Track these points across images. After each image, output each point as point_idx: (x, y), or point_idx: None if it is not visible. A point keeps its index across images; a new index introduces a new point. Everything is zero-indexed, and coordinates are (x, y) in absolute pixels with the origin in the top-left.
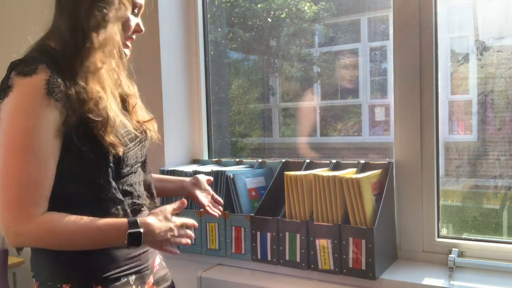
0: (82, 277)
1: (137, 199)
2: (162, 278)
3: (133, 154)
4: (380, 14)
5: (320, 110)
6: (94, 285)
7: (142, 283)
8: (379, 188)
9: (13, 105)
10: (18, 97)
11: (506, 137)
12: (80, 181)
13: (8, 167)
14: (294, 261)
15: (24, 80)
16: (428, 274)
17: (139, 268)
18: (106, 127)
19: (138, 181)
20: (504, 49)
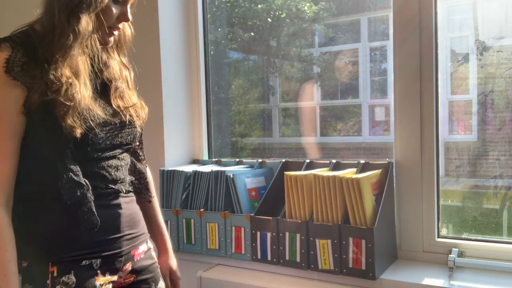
0: (39, 256)
1: (112, 184)
2: (145, 268)
3: (103, 138)
4: (380, 14)
5: (320, 110)
6: (50, 265)
7: (112, 270)
8: (379, 188)
9: None
10: None
11: (506, 137)
12: (39, 160)
13: None
14: (294, 261)
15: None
16: (428, 274)
17: (107, 253)
18: (68, 109)
19: (117, 165)
20: (504, 49)
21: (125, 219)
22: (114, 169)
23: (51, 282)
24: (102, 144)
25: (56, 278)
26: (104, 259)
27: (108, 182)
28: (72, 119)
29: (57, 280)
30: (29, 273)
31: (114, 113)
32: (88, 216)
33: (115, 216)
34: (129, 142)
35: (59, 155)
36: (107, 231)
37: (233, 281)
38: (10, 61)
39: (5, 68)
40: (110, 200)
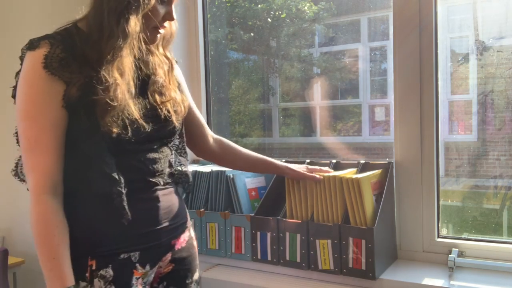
0: (78, 250)
1: (150, 176)
2: (184, 258)
3: (140, 133)
4: (380, 14)
5: (320, 110)
6: (89, 259)
7: (152, 261)
8: (379, 188)
9: (21, 77)
10: (23, 69)
11: (506, 137)
12: (77, 154)
13: (19, 133)
14: (294, 261)
15: (28, 54)
16: (428, 274)
17: (145, 245)
18: (109, 109)
19: (155, 158)
20: (504, 49)
21: (164, 211)
22: (152, 162)
23: (90, 275)
24: (138, 138)
25: (94, 272)
26: (143, 251)
27: (145, 175)
28: (111, 118)
29: (95, 273)
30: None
31: (151, 108)
32: (119, 210)
33: (153, 208)
34: (168, 135)
35: (94, 149)
36: (145, 224)
37: (233, 281)
38: (49, 57)
39: (44, 64)
40: (148, 193)
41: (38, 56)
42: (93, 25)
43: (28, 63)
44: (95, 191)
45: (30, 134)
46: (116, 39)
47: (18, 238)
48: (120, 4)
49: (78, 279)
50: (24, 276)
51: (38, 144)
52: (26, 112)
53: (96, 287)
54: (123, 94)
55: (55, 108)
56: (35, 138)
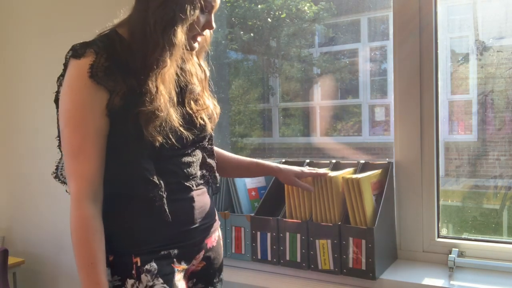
0: (123, 249)
1: (184, 180)
2: (215, 257)
3: (177, 139)
4: (380, 14)
5: (320, 110)
6: (133, 257)
7: (187, 258)
8: (379, 188)
9: (66, 85)
10: (68, 77)
11: (506, 137)
12: (118, 159)
13: (62, 138)
14: (294, 261)
15: (74, 62)
16: (428, 274)
17: (182, 244)
18: (153, 119)
19: (189, 162)
20: (504, 49)
21: (198, 211)
22: (187, 166)
23: (136, 271)
24: (176, 145)
25: (140, 268)
26: (180, 249)
27: (181, 178)
28: (155, 128)
29: (141, 269)
30: (116, 265)
31: (189, 115)
32: (160, 212)
33: (188, 209)
34: (201, 140)
35: (136, 155)
36: (182, 223)
37: (233, 281)
38: (94, 66)
39: (90, 73)
40: (183, 195)
41: (84, 65)
42: (136, 33)
43: (73, 71)
44: (137, 195)
45: (74, 141)
46: (161, 49)
47: (18, 238)
48: (167, 14)
49: (125, 277)
50: (24, 276)
51: (81, 151)
52: (70, 119)
53: (144, 282)
54: (166, 104)
55: (99, 116)
56: (78, 145)
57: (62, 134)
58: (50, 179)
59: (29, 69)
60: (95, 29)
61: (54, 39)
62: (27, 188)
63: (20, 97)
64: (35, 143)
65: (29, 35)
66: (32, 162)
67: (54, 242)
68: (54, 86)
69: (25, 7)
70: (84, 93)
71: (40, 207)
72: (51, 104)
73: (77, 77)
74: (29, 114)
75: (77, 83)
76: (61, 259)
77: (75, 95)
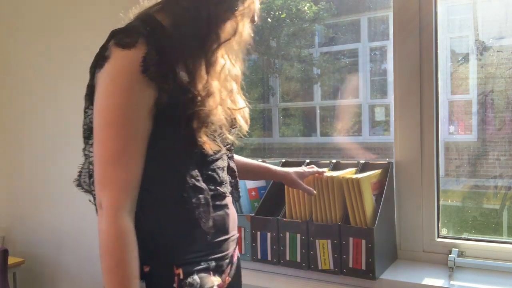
0: (163, 259)
1: (219, 185)
2: (236, 272)
3: (222, 144)
4: (380, 14)
5: (320, 110)
6: (175, 268)
7: (220, 272)
8: (379, 188)
9: (109, 78)
10: (115, 71)
11: (506, 137)
12: (160, 164)
13: (97, 141)
14: (294, 261)
15: (122, 53)
16: (428, 274)
17: (218, 255)
18: (206, 123)
19: (223, 167)
20: (504, 49)
21: (231, 220)
22: (221, 171)
23: (178, 284)
24: (221, 148)
25: (182, 281)
26: (216, 261)
27: (217, 184)
28: (207, 132)
29: (183, 282)
30: (153, 277)
31: (229, 117)
32: (206, 219)
33: (224, 217)
34: (232, 143)
35: (183, 161)
36: (219, 232)
37: None
38: (147, 59)
39: (142, 68)
40: (220, 201)
41: (135, 58)
42: (183, 25)
43: (121, 64)
44: (178, 201)
45: (115, 145)
46: (215, 45)
47: (18, 238)
48: (221, 8)
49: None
50: (24, 276)
51: (122, 156)
52: (114, 119)
53: None
54: (219, 105)
55: (146, 117)
56: (120, 149)
57: (98, 136)
58: (50, 179)
59: (30, 69)
60: (95, 28)
61: (54, 39)
62: (27, 188)
63: (21, 97)
64: (35, 143)
65: (29, 35)
66: (32, 162)
67: (54, 242)
68: (54, 86)
69: (25, 6)
70: (135, 90)
71: (40, 207)
72: (51, 104)
73: (127, 71)
74: (30, 114)
75: (126, 78)
76: (61, 259)
77: (123, 92)
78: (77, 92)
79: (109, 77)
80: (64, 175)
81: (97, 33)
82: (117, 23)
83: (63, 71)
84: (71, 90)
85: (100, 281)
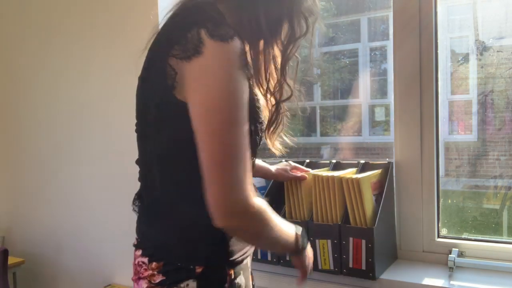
0: (217, 261)
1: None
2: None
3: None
4: (380, 14)
5: (320, 110)
6: (227, 269)
7: (249, 266)
8: (379, 188)
9: (210, 75)
10: (216, 65)
11: (506, 137)
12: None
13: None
14: None
15: (221, 45)
16: (428, 274)
17: (250, 252)
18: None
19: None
20: (504, 49)
21: None
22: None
23: (229, 284)
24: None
25: (232, 281)
26: (249, 256)
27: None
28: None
29: (233, 282)
30: (206, 278)
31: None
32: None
33: None
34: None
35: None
36: None
37: None
38: (243, 53)
39: (244, 62)
40: None
41: (236, 51)
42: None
43: (223, 57)
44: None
45: (240, 142)
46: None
47: (18, 238)
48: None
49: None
50: (24, 276)
51: (244, 152)
52: (231, 116)
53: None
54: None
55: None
56: (243, 145)
57: (218, 135)
58: (50, 179)
59: (30, 70)
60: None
61: (54, 38)
62: (27, 188)
63: (21, 97)
64: (35, 143)
65: (28, 35)
66: (32, 162)
67: (54, 242)
68: (54, 85)
69: (24, 6)
70: (243, 86)
71: (40, 207)
72: (51, 104)
73: (232, 65)
74: (30, 114)
75: (233, 72)
76: (61, 259)
77: (235, 88)
78: (77, 92)
79: (216, 72)
80: (64, 175)
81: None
82: (117, 23)
83: (64, 71)
84: (71, 90)
85: (100, 281)
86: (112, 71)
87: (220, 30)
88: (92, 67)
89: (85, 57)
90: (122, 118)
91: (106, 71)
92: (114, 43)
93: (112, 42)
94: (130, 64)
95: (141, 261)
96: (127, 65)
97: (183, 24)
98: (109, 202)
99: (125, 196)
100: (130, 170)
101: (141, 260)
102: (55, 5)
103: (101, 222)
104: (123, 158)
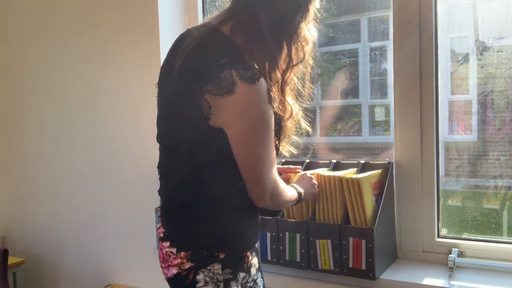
0: (236, 246)
1: None
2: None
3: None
4: (380, 14)
5: (320, 110)
6: (245, 252)
7: (258, 248)
8: (379, 188)
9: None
10: (251, 101)
11: (506, 137)
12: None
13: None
14: (294, 261)
15: (249, 88)
16: (428, 274)
17: (258, 236)
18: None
19: None
20: (504, 49)
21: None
22: None
23: (247, 266)
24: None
25: (249, 261)
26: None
27: None
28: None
29: (249, 263)
30: (227, 261)
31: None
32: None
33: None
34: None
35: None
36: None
37: None
38: (269, 91)
39: (268, 100)
40: None
41: (264, 90)
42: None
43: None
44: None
45: (272, 155)
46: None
47: (18, 238)
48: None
49: (238, 271)
50: (24, 276)
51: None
52: (265, 138)
53: (251, 275)
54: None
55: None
56: (273, 157)
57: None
58: (50, 179)
59: (31, 69)
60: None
61: (54, 39)
62: (27, 188)
63: (21, 97)
64: (35, 143)
65: (29, 34)
66: (32, 162)
67: (54, 242)
68: (54, 86)
69: (24, 6)
70: (270, 115)
71: (40, 207)
72: (52, 104)
73: (262, 101)
74: (30, 114)
75: (263, 107)
76: (61, 259)
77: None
78: (77, 93)
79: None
80: (64, 176)
81: (97, 33)
82: (118, 23)
83: (64, 71)
84: (71, 90)
85: (99, 281)
86: (114, 71)
87: (248, 72)
88: (94, 67)
89: (87, 58)
90: (123, 119)
91: (108, 71)
92: (116, 43)
93: (113, 42)
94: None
95: (169, 251)
96: (129, 65)
97: (214, 63)
98: (109, 202)
99: (125, 196)
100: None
101: (169, 250)
102: (55, 5)
103: (101, 222)
104: (124, 159)
